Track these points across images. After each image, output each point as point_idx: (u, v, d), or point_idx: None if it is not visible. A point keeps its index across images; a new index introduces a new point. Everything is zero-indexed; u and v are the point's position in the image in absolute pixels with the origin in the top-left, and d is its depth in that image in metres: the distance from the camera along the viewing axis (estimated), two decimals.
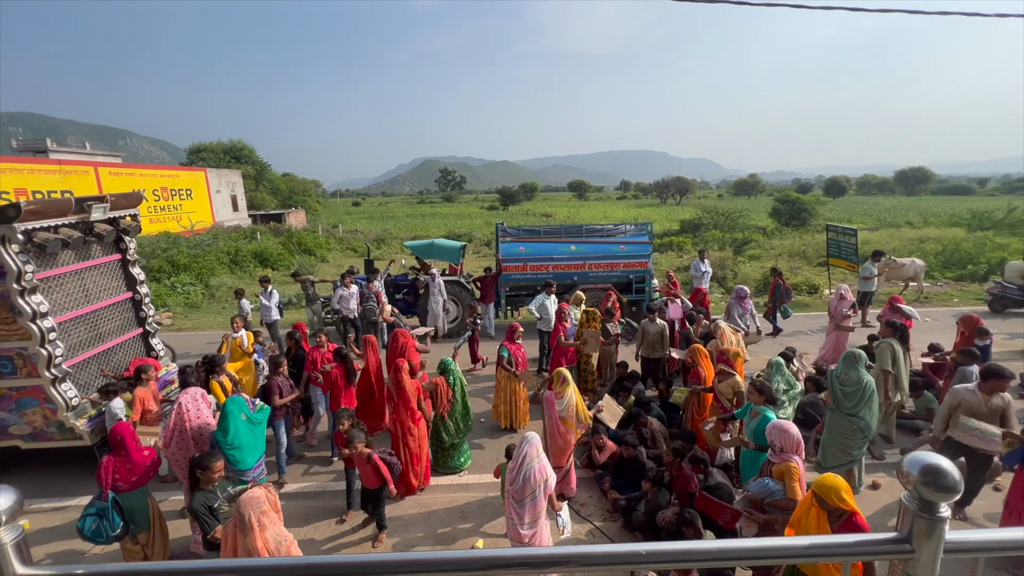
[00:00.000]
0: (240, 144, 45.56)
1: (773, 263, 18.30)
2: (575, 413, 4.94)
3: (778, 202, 31.93)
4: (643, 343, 7.38)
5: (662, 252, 22.17)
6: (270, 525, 3.01)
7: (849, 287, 8.33)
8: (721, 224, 28.42)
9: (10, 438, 5.60)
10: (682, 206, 60.21)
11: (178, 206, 31.01)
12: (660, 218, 38.86)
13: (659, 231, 27.41)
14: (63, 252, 5.71)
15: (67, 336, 5.69)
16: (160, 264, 17.35)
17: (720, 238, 24.35)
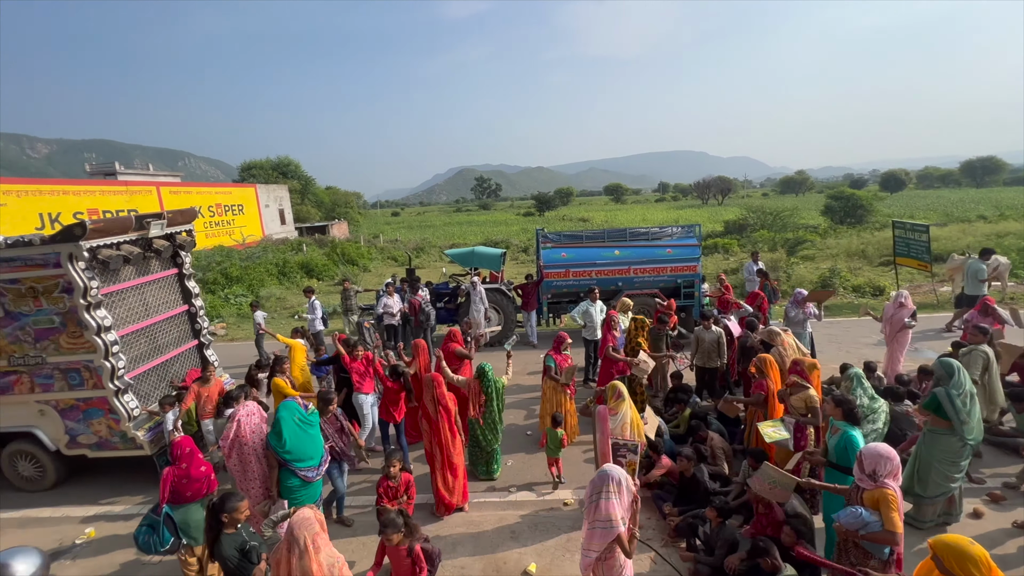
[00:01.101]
0: (287, 160, 47.68)
1: (830, 264, 17.20)
2: (630, 432, 4.63)
3: (831, 199, 30.19)
4: (697, 352, 6.96)
5: (707, 254, 21.31)
6: (323, 546, 2.91)
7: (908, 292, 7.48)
8: (769, 224, 27.10)
9: (79, 447, 5.84)
10: (725, 206, 58.15)
11: (231, 221, 32.64)
12: (703, 219, 37.57)
13: (703, 233, 26.47)
14: (124, 268, 5.94)
15: (129, 349, 5.90)
16: (214, 276, 18.20)
17: (770, 238, 23.17)
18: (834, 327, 10.86)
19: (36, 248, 5.14)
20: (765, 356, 5.36)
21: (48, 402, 5.66)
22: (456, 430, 5.13)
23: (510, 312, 10.85)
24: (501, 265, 11.77)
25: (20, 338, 5.45)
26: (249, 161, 46.96)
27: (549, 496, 5.38)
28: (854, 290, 14.41)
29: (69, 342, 5.42)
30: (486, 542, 4.68)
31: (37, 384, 5.61)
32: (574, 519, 4.96)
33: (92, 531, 5.18)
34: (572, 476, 5.75)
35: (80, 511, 5.59)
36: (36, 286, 5.25)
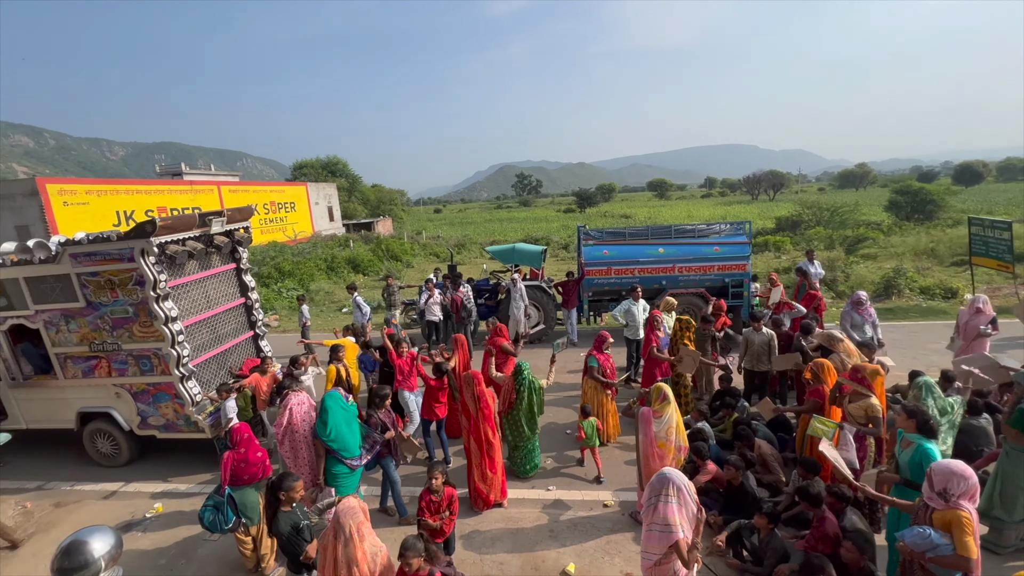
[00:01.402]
0: (335, 159, 49.45)
1: (894, 263, 16.03)
2: (674, 436, 4.49)
3: (896, 193, 28.04)
4: (746, 354, 6.67)
5: (757, 252, 20.38)
6: (367, 535, 3.00)
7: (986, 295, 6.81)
8: (826, 220, 25.55)
9: (149, 428, 6.31)
10: (776, 202, 55.37)
11: (283, 218, 34.24)
12: (752, 216, 35.96)
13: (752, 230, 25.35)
14: (189, 262, 6.34)
15: (192, 338, 6.30)
16: (268, 271, 19.14)
17: (827, 236, 21.85)
18: (899, 331, 10.13)
19: (113, 244, 5.57)
20: (822, 361, 5.07)
21: (123, 385, 6.15)
22: (495, 427, 5.17)
23: (550, 310, 10.80)
24: (542, 262, 11.71)
25: (99, 326, 5.94)
26: (301, 160, 49.07)
27: (589, 496, 5.32)
28: (922, 292, 13.38)
29: (141, 331, 5.85)
30: (524, 539, 4.69)
31: (114, 369, 6.10)
32: (614, 521, 4.88)
33: (160, 506, 5.59)
34: (613, 478, 5.66)
35: (150, 487, 6.04)
36: (113, 278, 5.69)
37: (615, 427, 6.41)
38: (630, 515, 4.93)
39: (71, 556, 0.84)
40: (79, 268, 5.70)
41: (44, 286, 5.89)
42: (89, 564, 0.84)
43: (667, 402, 4.51)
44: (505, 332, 6.63)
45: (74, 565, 0.84)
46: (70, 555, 0.85)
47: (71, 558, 0.84)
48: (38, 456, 6.97)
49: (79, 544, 0.86)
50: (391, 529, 4.91)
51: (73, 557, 0.84)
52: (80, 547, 0.85)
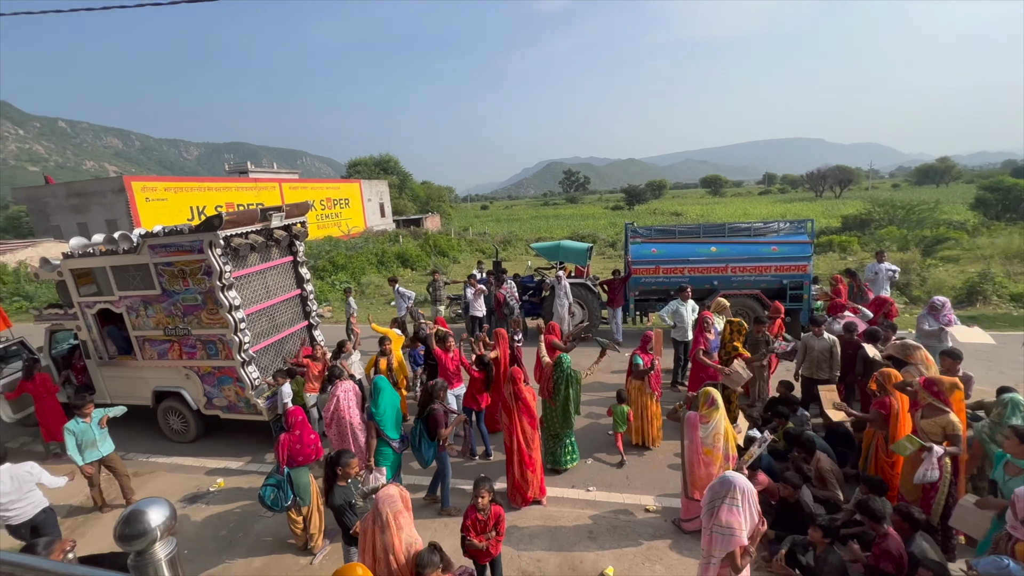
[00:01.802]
0: (388, 157, 51.07)
1: (980, 267, 14.57)
2: (722, 444, 4.30)
3: (984, 190, 25.47)
4: (805, 361, 6.28)
5: (820, 253, 19.14)
6: (405, 525, 3.05)
7: None
8: (900, 219, 23.59)
9: (214, 408, 6.78)
10: (843, 199, 51.80)
11: (338, 214, 35.76)
12: (815, 214, 33.78)
13: (816, 229, 23.83)
14: (251, 254, 6.74)
15: (253, 326, 6.70)
16: (323, 264, 20.07)
17: (901, 236, 20.18)
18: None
19: (185, 236, 6.01)
20: (888, 371, 4.68)
21: (192, 368, 6.64)
22: (535, 424, 5.15)
23: (595, 308, 10.64)
24: (587, 259, 11.56)
25: (173, 312, 6.44)
26: (355, 159, 51.04)
27: (630, 500, 5.21)
28: (1012, 299, 12.09)
29: (208, 317, 6.29)
30: (563, 539, 4.65)
31: (184, 352, 6.60)
32: (655, 527, 4.75)
33: (222, 481, 6.00)
34: (655, 482, 5.51)
35: (213, 463, 6.50)
36: (185, 268, 6.15)
37: (658, 431, 6.23)
38: (672, 522, 4.78)
39: (131, 524, 0.92)
40: (156, 258, 6.20)
41: (127, 274, 6.45)
42: (147, 532, 0.91)
43: (715, 407, 4.33)
44: (557, 330, 6.64)
45: (134, 532, 0.91)
46: (130, 523, 0.92)
47: (131, 526, 0.91)
48: (119, 429, 7.64)
49: (138, 514, 0.93)
50: (431, 520, 5.01)
51: (133, 525, 0.91)
52: (139, 516, 0.92)
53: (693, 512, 4.56)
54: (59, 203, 25.55)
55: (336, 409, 4.89)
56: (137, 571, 0.90)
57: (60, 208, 25.55)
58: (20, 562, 0.96)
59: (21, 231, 39.07)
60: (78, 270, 6.69)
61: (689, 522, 4.62)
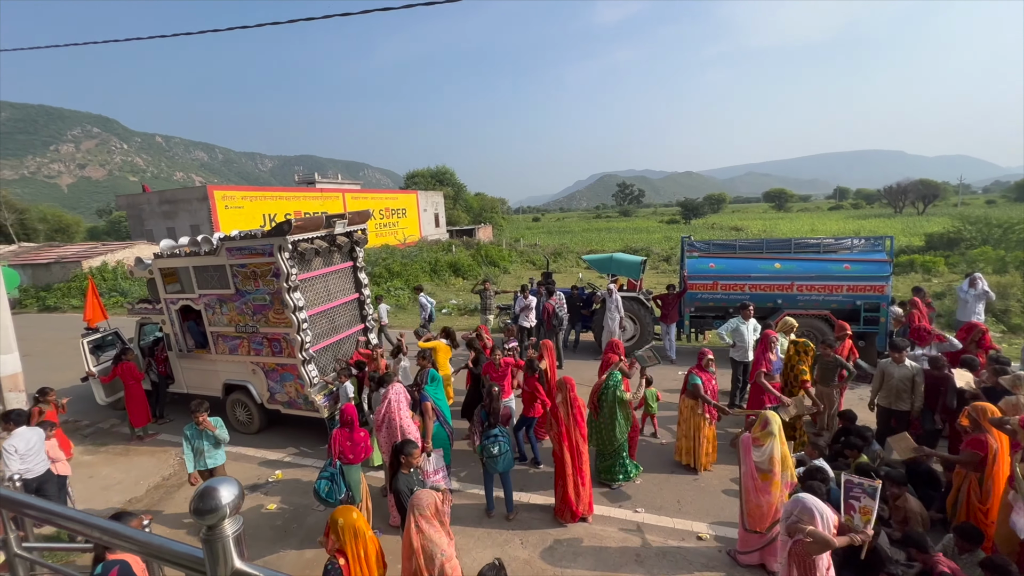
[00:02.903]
0: (444, 169, 52.65)
1: None
2: (779, 470, 4.02)
3: None
4: (882, 389, 5.76)
5: (900, 274, 17.62)
6: (427, 530, 3.04)
7: None
8: (996, 239, 21.29)
9: (276, 403, 7.18)
10: (927, 216, 47.57)
11: (395, 223, 37.19)
12: (895, 231, 31.22)
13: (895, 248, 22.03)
14: (315, 259, 7.13)
15: (314, 327, 7.05)
16: (379, 271, 20.89)
17: (997, 258, 18.20)
18: None
19: (258, 240, 6.46)
20: (983, 405, 4.19)
21: (258, 364, 7.07)
22: (585, 435, 5.05)
23: (647, 323, 10.34)
24: (640, 273, 11.28)
25: (244, 310, 6.91)
26: (413, 170, 53.02)
27: (681, 525, 4.96)
28: None
29: (275, 317, 6.69)
30: (609, 560, 4.49)
31: (252, 348, 7.05)
32: (708, 557, 4.48)
33: (280, 473, 6.31)
34: (709, 509, 5.22)
35: (273, 455, 6.85)
36: (256, 270, 6.59)
37: (710, 453, 5.91)
38: (727, 553, 4.49)
39: (204, 500, 0.98)
40: (232, 260, 6.69)
41: (206, 274, 7.00)
42: (219, 508, 0.97)
43: (770, 432, 4.06)
44: (621, 348, 6.35)
45: (208, 507, 0.97)
46: (204, 499, 0.98)
47: (204, 501, 0.98)
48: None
49: (211, 490, 0.99)
50: (487, 530, 5.01)
51: (207, 501, 0.97)
52: (212, 493, 0.99)
53: (751, 544, 4.27)
54: (153, 209, 28.33)
55: (388, 411, 5.04)
56: (207, 544, 0.95)
57: (153, 214, 28.31)
58: (112, 528, 1.04)
59: (120, 234, 43.67)
60: (166, 269, 7.34)
61: (746, 555, 4.32)
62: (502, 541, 4.81)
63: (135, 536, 1.05)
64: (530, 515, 5.20)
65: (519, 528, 4.98)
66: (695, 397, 5.79)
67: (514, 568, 4.43)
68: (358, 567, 3.01)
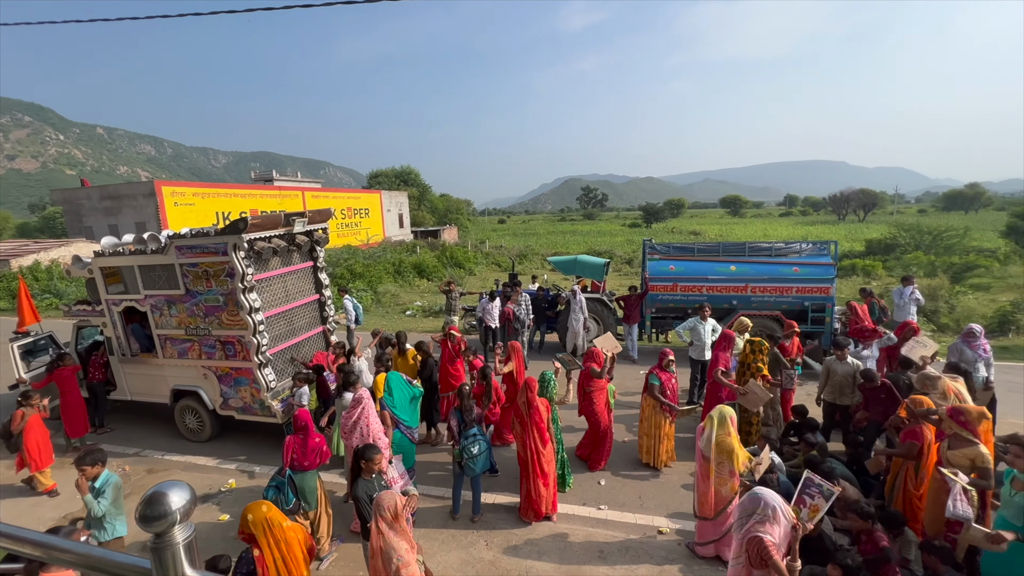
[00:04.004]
0: (408, 169, 51.92)
1: (1012, 296, 14.09)
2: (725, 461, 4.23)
3: (1017, 217, 24.82)
4: (827, 385, 6.11)
5: (843, 277, 18.74)
6: (387, 532, 2.99)
7: None
8: (927, 245, 23.04)
9: (229, 409, 6.86)
10: (867, 223, 50.86)
11: (358, 223, 36.35)
12: (839, 237, 33.15)
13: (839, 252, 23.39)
14: (273, 258, 6.87)
15: (271, 328, 6.79)
16: (341, 272, 20.35)
17: (928, 262, 19.68)
18: (1014, 372, 8.86)
19: (211, 238, 6.16)
20: (920, 398, 4.52)
21: (210, 368, 6.74)
22: (548, 437, 5.08)
23: (610, 324, 10.54)
24: (604, 275, 11.50)
25: (195, 312, 6.57)
26: (376, 170, 52.02)
27: (643, 520, 5.08)
28: None
29: (229, 319, 6.40)
30: (572, 556, 4.55)
31: (203, 352, 6.71)
32: (668, 550, 4.61)
33: (233, 482, 6.03)
34: (669, 504, 5.38)
35: (226, 464, 6.54)
36: (209, 270, 6.29)
37: (669, 451, 6.09)
38: (686, 545, 4.64)
39: (152, 505, 0.92)
40: (182, 259, 6.35)
41: (153, 274, 6.62)
42: (167, 514, 0.91)
43: (709, 418, 4.39)
44: (600, 357, 6.12)
45: (155, 513, 0.91)
46: (151, 504, 0.92)
47: (152, 507, 0.92)
48: (138, 426, 7.79)
49: (160, 495, 0.93)
50: (453, 532, 4.96)
51: (154, 506, 0.91)
52: (161, 498, 0.93)
53: (707, 536, 4.43)
54: (93, 205, 26.51)
55: (360, 417, 4.88)
56: (156, 553, 0.90)
57: (93, 210, 26.50)
58: (47, 542, 0.97)
59: (55, 231, 40.55)
60: (107, 268, 6.89)
61: (703, 547, 4.48)
62: (467, 543, 4.78)
63: (74, 549, 0.98)
64: (495, 516, 5.19)
65: (484, 529, 4.97)
66: (654, 395, 5.95)
67: (479, 569, 4.42)
68: (271, 556, 3.23)
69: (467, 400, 5.12)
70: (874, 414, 5.54)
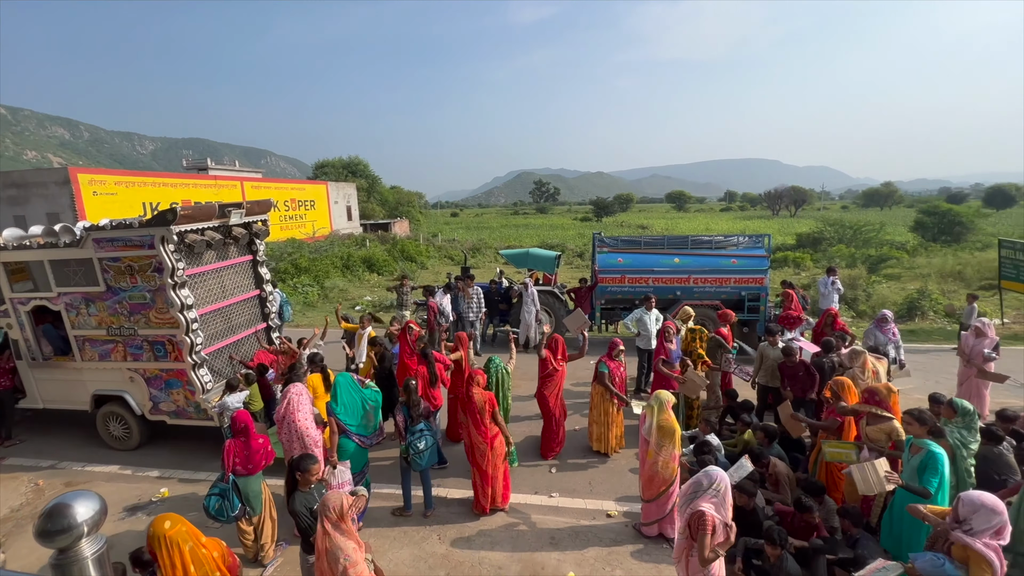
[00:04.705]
0: (357, 160, 50.14)
1: (919, 284, 15.60)
2: (666, 443, 4.44)
3: (923, 214, 27.46)
4: (761, 369, 6.52)
5: (776, 268, 20.01)
6: (333, 533, 2.91)
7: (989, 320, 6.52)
8: (849, 239, 25.02)
9: (160, 414, 6.40)
10: (798, 218, 54.50)
11: (303, 215, 34.77)
12: (773, 231, 35.26)
13: (772, 245, 24.90)
14: (207, 252, 6.45)
15: (206, 327, 6.39)
16: (285, 266, 19.42)
17: (849, 254, 21.39)
18: (921, 353, 9.83)
19: (135, 230, 5.69)
20: (842, 379, 4.92)
21: (137, 370, 6.26)
22: (486, 431, 4.91)
23: (561, 316, 10.72)
24: (555, 268, 11.66)
25: (118, 311, 6.06)
26: (322, 160, 49.86)
27: (592, 505, 5.23)
28: (946, 315, 12.97)
29: (157, 317, 5.95)
30: (524, 544, 4.62)
31: (129, 353, 6.22)
32: (617, 532, 4.79)
33: (166, 491, 5.65)
34: (617, 488, 5.57)
35: (158, 472, 6.11)
36: (133, 264, 5.81)
37: (619, 438, 6.31)
38: (633, 526, 4.83)
39: (53, 519, 0.83)
40: (101, 253, 5.84)
41: (67, 269, 6.04)
42: (71, 528, 0.82)
43: (649, 405, 4.58)
44: (562, 345, 6.22)
45: (56, 528, 0.82)
46: (53, 518, 0.83)
47: (54, 521, 0.82)
48: (53, 436, 7.12)
49: (62, 507, 0.84)
50: (404, 529, 4.87)
51: (55, 520, 0.82)
52: (63, 510, 0.83)
53: (651, 515, 4.64)
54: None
55: (287, 411, 4.68)
56: (59, 570, 0.81)
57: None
58: None
59: None
60: (13, 264, 6.23)
61: (648, 526, 4.68)
62: (419, 539, 4.74)
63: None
64: (448, 510, 5.18)
65: (436, 524, 4.95)
66: (604, 383, 6.12)
67: (432, 563, 4.40)
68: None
69: (414, 395, 5.05)
70: (794, 390, 6.01)
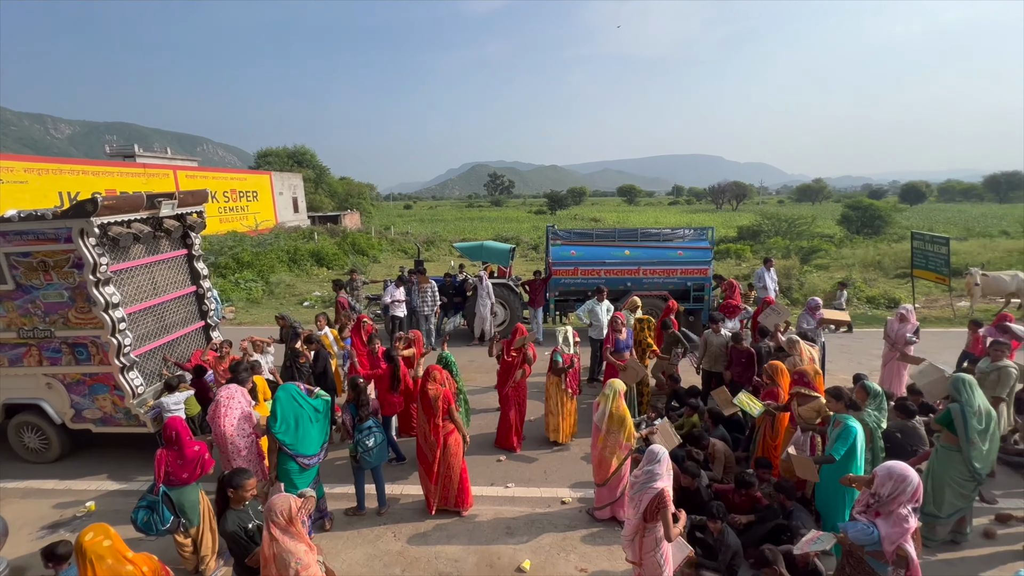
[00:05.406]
0: (303, 149, 47.92)
1: (844, 274, 16.90)
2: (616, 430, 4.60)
3: (848, 208, 29.73)
4: (705, 355, 6.85)
5: (719, 259, 21.08)
6: (281, 538, 2.81)
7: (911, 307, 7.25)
8: (784, 231, 26.70)
9: (84, 421, 5.90)
10: (739, 212, 57.53)
11: (245, 207, 32.91)
12: (716, 224, 36.97)
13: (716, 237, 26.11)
14: (134, 246, 5.97)
15: (136, 326, 5.93)
16: (226, 261, 18.34)
17: (784, 246, 22.84)
18: (846, 338, 10.66)
19: (48, 222, 5.18)
20: (776, 363, 5.25)
21: (55, 375, 5.72)
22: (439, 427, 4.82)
23: (517, 308, 10.80)
24: (510, 260, 11.70)
25: (30, 311, 5.51)
26: (265, 149, 47.30)
27: (547, 494, 5.33)
28: (868, 301, 14.14)
29: (78, 317, 5.46)
30: (481, 536, 4.64)
31: (45, 357, 5.67)
32: (571, 518, 4.91)
33: (92, 505, 5.23)
34: (571, 475, 5.70)
35: (82, 485, 5.65)
36: (47, 260, 5.29)
37: (572, 426, 6.45)
38: (587, 511, 4.97)
39: None
40: (8, 248, 5.28)
41: None
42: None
43: (603, 394, 4.71)
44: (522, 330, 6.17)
45: None
46: None
47: None
48: None
49: None
50: (358, 529, 4.76)
51: None
52: None
53: (604, 499, 4.79)
54: None
55: (213, 415, 4.40)
56: None
57: None
58: None
59: None
60: None
61: (600, 510, 4.83)
62: (373, 537, 4.66)
63: None
64: (404, 507, 5.12)
65: (391, 522, 4.88)
66: (558, 373, 6.23)
67: (386, 561, 4.34)
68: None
69: (362, 394, 4.92)
70: (735, 375, 6.38)
